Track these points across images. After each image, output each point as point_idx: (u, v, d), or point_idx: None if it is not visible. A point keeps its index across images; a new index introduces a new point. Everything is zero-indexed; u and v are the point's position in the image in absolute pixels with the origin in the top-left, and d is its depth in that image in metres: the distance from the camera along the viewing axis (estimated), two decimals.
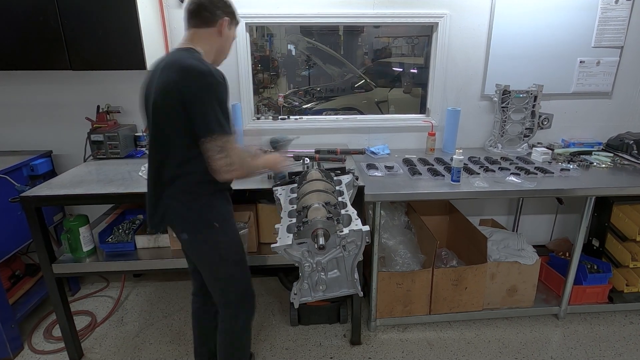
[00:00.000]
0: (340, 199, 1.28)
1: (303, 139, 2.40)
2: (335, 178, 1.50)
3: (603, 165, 2.26)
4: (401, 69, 3.98)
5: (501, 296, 2.27)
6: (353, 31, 3.91)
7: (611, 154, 2.42)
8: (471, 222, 2.38)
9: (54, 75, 2.26)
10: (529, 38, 2.40)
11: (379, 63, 4.16)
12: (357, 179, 1.55)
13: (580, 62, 2.47)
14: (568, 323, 2.29)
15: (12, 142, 2.40)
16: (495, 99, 2.46)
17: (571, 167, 2.19)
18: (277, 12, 2.28)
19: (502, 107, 2.44)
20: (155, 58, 2.12)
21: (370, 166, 2.22)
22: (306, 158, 1.73)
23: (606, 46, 2.44)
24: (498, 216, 2.82)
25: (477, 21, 2.38)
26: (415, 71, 3.79)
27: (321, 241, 1.01)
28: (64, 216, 2.42)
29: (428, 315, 2.25)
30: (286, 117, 2.59)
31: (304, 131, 2.48)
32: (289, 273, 2.54)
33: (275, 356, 2.06)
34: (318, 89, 4.12)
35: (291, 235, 1.07)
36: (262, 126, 2.53)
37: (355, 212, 1.16)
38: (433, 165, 2.26)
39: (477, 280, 2.18)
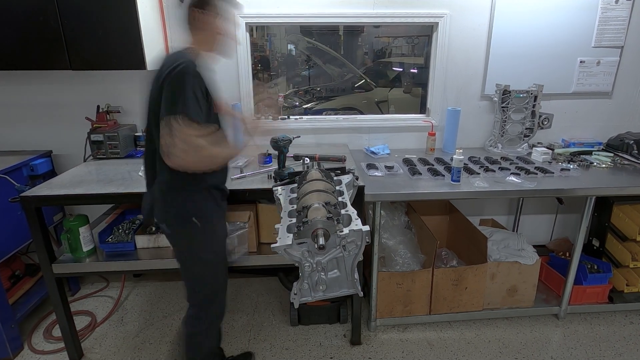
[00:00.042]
0: (340, 199, 1.28)
1: (303, 139, 2.40)
2: (335, 178, 1.50)
3: (603, 165, 2.26)
4: (401, 69, 3.97)
5: (501, 296, 2.27)
6: (353, 31, 3.90)
7: (611, 154, 2.42)
8: (471, 222, 2.38)
9: (54, 75, 2.26)
10: (529, 38, 2.40)
11: (379, 63, 4.16)
12: (357, 179, 1.55)
13: (580, 62, 2.47)
14: (568, 323, 2.29)
15: (12, 142, 2.40)
16: (495, 99, 2.46)
17: (571, 167, 2.18)
18: (277, 12, 2.28)
19: (502, 107, 2.43)
20: (155, 58, 2.14)
21: (370, 166, 2.22)
22: (306, 158, 1.73)
23: (606, 46, 2.44)
24: (498, 216, 2.82)
25: (477, 21, 2.38)
26: (415, 71, 3.79)
27: (321, 241, 1.00)
28: (64, 216, 2.42)
29: (428, 315, 2.25)
30: (286, 117, 2.59)
31: (304, 131, 2.48)
32: (289, 273, 2.54)
33: (275, 356, 2.06)
34: (318, 89, 4.11)
35: (291, 235, 1.07)
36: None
37: (355, 212, 1.16)
38: (433, 165, 2.26)
39: (477, 280, 2.18)
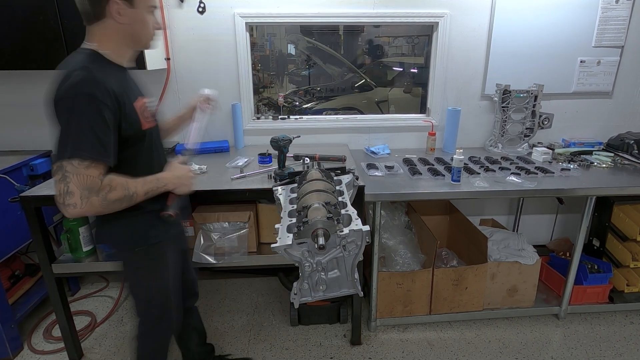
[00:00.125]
0: (340, 199, 1.28)
1: (303, 139, 2.40)
2: (335, 178, 1.50)
3: (603, 165, 2.26)
4: (401, 69, 3.97)
5: (501, 296, 2.27)
6: (353, 31, 3.90)
7: (612, 154, 2.41)
8: (471, 222, 2.38)
9: (54, 75, 2.25)
10: (530, 37, 2.40)
11: (379, 63, 4.16)
12: (357, 179, 1.54)
13: (580, 62, 2.47)
14: (568, 323, 2.29)
15: (12, 142, 2.40)
16: (495, 99, 2.46)
17: (572, 167, 2.18)
18: (277, 12, 2.27)
19: (503, 107, 2.43)
20: (155, 58, 2.14)
21: (370, 166, 2.21)
22: (306, 158, 1.72)
23: (607, 46, 2.44)
24: (498, 216, 2.82)
25: (478, 21, 2.38)
26: (415, 71, 3.79)
27: (321, 241, 1.00)
28: (64, 216, 2.42)
29: (428, 315, 2.24)
30: (286, 117, 2.59)
31: (304, 131, 2.48)
32: (289, 273, 2.54)
33: (275, 356, 2.06)
34: (318, 89, 4.11)
35: (291, 235, 1.06)
36: (262, 126, 2.53)
37: (355, 212, 1.16)
38: (433, 165, 2.26)
39: (478, 280, 2.18)
